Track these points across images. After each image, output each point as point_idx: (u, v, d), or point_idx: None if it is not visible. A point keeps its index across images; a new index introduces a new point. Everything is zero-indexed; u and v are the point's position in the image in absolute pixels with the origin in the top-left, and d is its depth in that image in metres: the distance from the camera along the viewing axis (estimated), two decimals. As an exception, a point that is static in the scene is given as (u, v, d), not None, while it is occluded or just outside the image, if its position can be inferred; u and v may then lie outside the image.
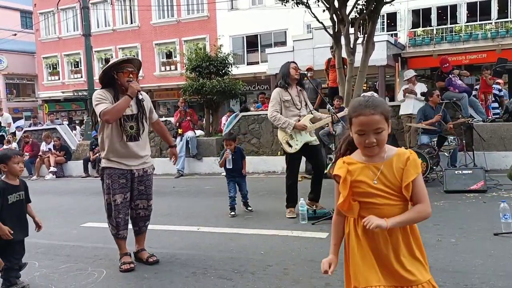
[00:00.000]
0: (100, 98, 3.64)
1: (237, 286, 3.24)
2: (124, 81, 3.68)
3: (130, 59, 3.88)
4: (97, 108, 3.60)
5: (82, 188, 9.45)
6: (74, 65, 29.62)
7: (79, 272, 3.79)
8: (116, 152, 3.72)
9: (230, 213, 5.53)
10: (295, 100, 5.27)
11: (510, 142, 7.57)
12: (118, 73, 3.69)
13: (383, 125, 1.76)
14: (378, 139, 1.76)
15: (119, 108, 3.60)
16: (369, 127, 1.75)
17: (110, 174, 3.73)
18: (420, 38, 20.41)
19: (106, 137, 3.73)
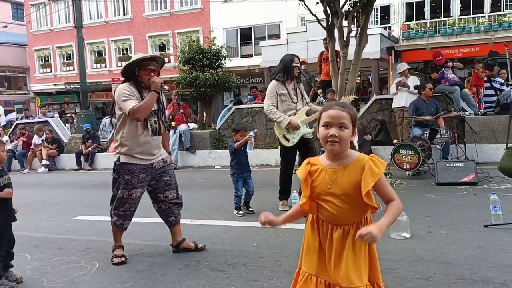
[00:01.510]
0: (128, 94, 3.58)
1: (230, 278, 3.26)
2: (145, 78, 3.64)
3: (154, 57, 3.81)
4: (125, 104, 3.54)
5: (75, 181, 9.42)
6: (66, 57, 29.37)
7: (71, 265, 3.79)
8: (139, 147, 3.68)
9: (238, 212, 5.18)
10: (291, 94, 5.25)
11: (501, 135, 7.62)
12: (139, 70, 3.65)
13: (348, 122, 1.86)
14: (340, 135, 1.84)
15: (148, 105, 3.59)
16: (334, 119, 1.85)
17: (131, 170, 3.68)
18: (414, 31, 20.44)
19: (128, 132, 3.67)
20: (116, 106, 3.69)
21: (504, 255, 3.38)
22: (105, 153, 11.44)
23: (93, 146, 11.29)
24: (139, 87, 3.66)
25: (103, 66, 27.92)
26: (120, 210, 3.78)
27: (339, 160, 1.90)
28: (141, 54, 3.80)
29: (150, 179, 3.79)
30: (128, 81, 3.69)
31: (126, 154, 3.68)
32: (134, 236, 4.59)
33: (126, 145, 3.68)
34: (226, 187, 6.99)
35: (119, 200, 3.76)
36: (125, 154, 3.69)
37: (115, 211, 3.81)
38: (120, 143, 3.72)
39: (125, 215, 3.82)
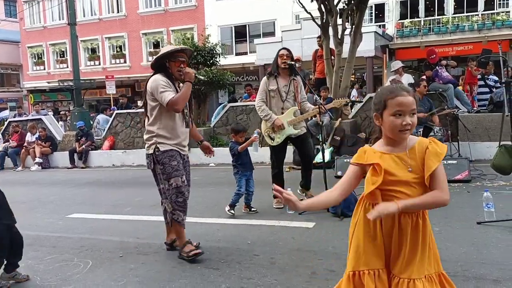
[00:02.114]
0: (165, 85, 3.55)
1: (224, 276, 3.26)
2: (175, 70, 3.65)
3: (183, 49, 3.79)
4: (163, 95, 3.51)
5: (68, 179, 9.37)
6: (60, 54, 29.17)
7: (64, 263, 3.77)
8: (177, 139, 3.66)
9: (230, 210, 5.00)
10: (281, 91, 5.15)
11: (495, 132, 7.67)
12: (170, 62, 3.66)
13: (415, 108, 1.79)
14: (412, 122, 1.78)
15: (186, 96, 3.58)
16: (407, 107, 1.77)
17: (174, 155, 3.62)
18: (408, 29, 20.50)
19: (166, 123, 3.62)
20: (149, 97, 3.63)
21: (497, 252, 3.40)
22: (99, 151, 11.40)
23: (87, 144, 11.23)
24: (170, 78, 3.64)
25: (97, 63, 27.76)
26: (180, 201, 3.65)
27: (401, 144, 1.82)
28: (171, 46, 3.79)
29: None
30: (158, 73, 3.65)
31: (165, 143, 3.62)
32: (128, 234, 4.59)
33: (163, 136, 3.62)
34: (221, 184, 7.00)
35: (176, 190, 3.62)
36: (163, 143, 3.62)
37: (175, 205, 3.65)
38: (157, 134, 3.63)
39: (185, 205, 3.69)
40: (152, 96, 3.61)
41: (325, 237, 4.05)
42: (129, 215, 5.51)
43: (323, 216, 4.74)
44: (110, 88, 16.78)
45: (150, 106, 3.66)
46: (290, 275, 3.20)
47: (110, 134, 11.60)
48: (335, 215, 4.67)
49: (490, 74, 9.48)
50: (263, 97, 5.21)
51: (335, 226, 4.39)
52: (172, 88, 3.59)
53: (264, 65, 18.21)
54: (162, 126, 3.63)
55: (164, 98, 3.50)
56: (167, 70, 3.66)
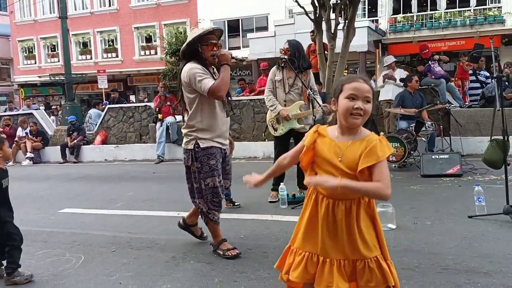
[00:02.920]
0: (202, 73, 3.29)
1: (217, 270, 3.26)
2: (208, 54, 3.38)
3: (213, 30, 3.50)
4: (202, 83, 3.25)
5: (60, 174, 9.30)
6: (51, 48, 28.89)
7: (56, 258, 3.75)
8: (219, 130, 3.44)
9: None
10: (285, 83, 5.15)
11: (486, 127, 7.72)
12: (202, 46, 3.38)
13: (371, 97, 1.85)
14: (365, 109, 1.82)
15: (227, 80, 3.32)
16: (360, 92, 1.83)
17: (214, 154, 3.39)
18: (401, 24, 20.54)
19: (207, 115, 3.39)
20: (186, 88, 3.39)
21: (488, 245, 3.43)
22: (91, 145, 11.33)
23: (79, 139, 11.16)
24: (203, 64, 3.38)
25: (89, 57, 27.53)
26: (216, 201, 3.48)
27: (351, 135, 1.88)
28: (199, 30, 3.52)
29: None
30: (191, 61, 3.39)
31: (205, 138, 3.39)
32: (120, 228, 4.57)
33: (205, 130, 3.39)
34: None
35: (213, 189, 3.43)
36: (204, 139, 3.39)
37: (211, 205, 3.48)
38: (197, 128, 3.40)
39: (220, 205, 3.54)
40: (189, 88, 3.37)
41: (318, 231, 4.06)
42: (121, 210, 5.49)
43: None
44: (102, 83, 16.64)
45: (188, 99, 3.42)
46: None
47: (102, 129, 11.53)
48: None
49: (482, 69, 9.53)
50: (271, 87, 5.20)
51: (328, 220, 4.40)
52: (209, 74, 3.35)
53: (257, 59, 18.15)
54: (203, 119, 3.39)
55: (204, 86, 3.25)
56: (200, 56, 3.39)
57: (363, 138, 1.86)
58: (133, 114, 11.29)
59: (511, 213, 3.91)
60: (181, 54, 3.47)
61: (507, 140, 4.17)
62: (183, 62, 3.48)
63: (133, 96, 26.81)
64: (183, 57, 3.47)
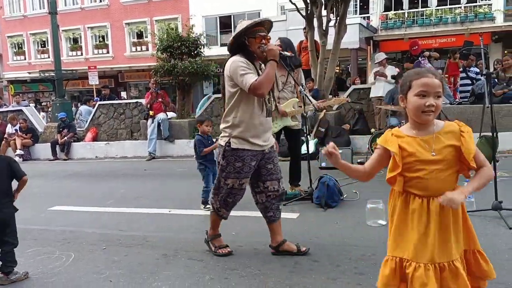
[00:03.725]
0: (245, 67, 3.09)
1: (208, 267, 3.26)
2: (255, 47, 3.16)
3: (262, 22, 3.27)
4: (244, 79, 3.06)
5: (50, 171, 9.23)
6: (41, 44, 28.57)
7: (46, 256, 3.73)
8: (254, 130, 3.21)
9: (206, 207, 4.87)
10: (278, 80, 5.06)
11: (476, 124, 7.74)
12: (249, 39, 3.17)
13: (441, 91, 1.81)
14: (436, 104, 1.79)
15: (271, 78, 3.12)
16: (431, 88, 1.79)
17: (243, 157, 3.21)
18: (392, 21, 20.61)
19: (244, 112, 3.18)
20: (228, 83, 3.22)
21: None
22: (81, 142, 11.25)
23: (69, 136, 11.07)
24: (251, 58, 3.18)
25: (79, 53, 27.29)
26: (230, 202, 3.39)
27: (427, 128, 1.84)
28: (246, 22, 3.25)
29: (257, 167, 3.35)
30: (237, 54, 3.20)
31: (239, 137, 3.20)
32: (111, 226, 4.55)
33: (239, 127, 3.20)
34: (205, 176, 6.97)
35: (229, 190, 3.32)
36: (237, 137, 3.21)
37: (223, 203, 3.40)
38: (232, 124, 3.21)
39: (227, 203, 3.41)
40: (231, 82, 3.19)
41: (309, 228, 4.08)
42: (112, 207, 5.46)
43: (307, 207, 4.77)
44: (92, 79, 16.51)
45: (228, 93, 3.24)
46: (274, 266, 3.21)
47: (93, 126, 11.45)
48: (319, 205, 4.70)
49: (472, 66, 9.60)
50: None
51: (319, 216, 4.42)
52: (253, 69, 3.16)
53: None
54: (240, 115, 3.19)
55: (246, 81, 3.05)
56: (246, 49, 3.18)
57: (445, 126, 1.84)
58: (124, 110, 11.23)
59: (499, 209, 3.96)
60: (228, 48, 3.29)
61: (496, 137, 4.21)
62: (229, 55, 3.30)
63: (124, 92, 26.65)
64: (229, 51, 3.29)
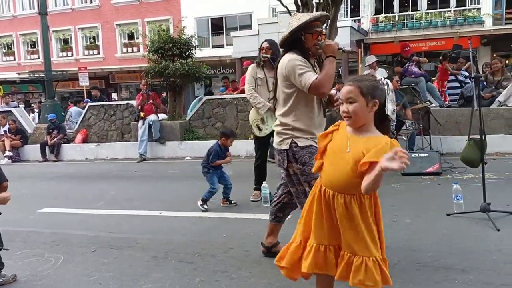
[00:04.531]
0: (303, 65, 2.88)
1: (198, 269, 3.25)
2: (311, 44, 2.95)
3: (320, 17, 3.04)
4: (303, 78, 2.84)
5: (40, 172, 9.15)
6: (31, 45, 28.33)
7: (35, 258, 3.69)
8: (315, 131, 2.98)
9: (202, 205, 4.95)
10: (268, 81, 5.04)
11: (465, 126, 7.84)
12: (305, 34, 2.95)
13: (355, 96, 1.91)
14: (349, 110, 1.92)
15: (331, 75, 2.90)
16: (343, 95, 1.97)
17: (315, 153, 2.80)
18: (383, 24, 20.75)
19: (304, 113, 2.97)
20: (283, 83, 2.99)
21: (465, 242, 3.50)
22: (71, 144, 11.15)
23: (59, 137, 10.97)
24: (305, 55, 2.97)
25: (70, 54, 27.10)
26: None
27: (362, 132, 1.97)
28: (304, 16, 3.03)
29: None
30: (290, 51, 2.99)
31: (302, 137, 2.96)
32: (101, 228, 4.52)
33: (301, 129, 2.97)
34: (197, 178, 6.92)
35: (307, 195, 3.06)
36: (300, 137, 2.97)
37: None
38: (293, 127, 2.97)
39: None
40: (287, 81, 2.96)
41: (300, 230, 4.08)
42: (102, 209, 5.43)
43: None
44: (83, 80, 16.40)
45: (284, 94, 3.01)
46: (265, 268, 3.21)
47: (83, 127, 11.36)
48: (309, 207, 4.71)
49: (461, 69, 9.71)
50: (253, 83, 5.08)
51: (310, 218, 4.42)
52: (310, 67, 2.94)
53: (241, 58, 18.12)
54: (299, 117, 2.98)
55: (305, 80, 2.84)
56: (302, 45, 2.97)
57: (376, 136, 1.95)
58: (115, 112, 11.16)
59: (487, 211, 4.00)
60: (281, 43, 3.08)
61: (484, 139, 4.25)
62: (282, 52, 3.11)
63: (115, 94, 26.50)
64: (282, 46, 3.10)
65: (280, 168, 3.10)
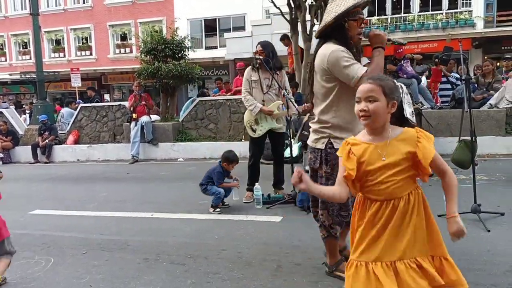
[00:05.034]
0: (348, 57, 2.62)
1: (190, 271, 3.24)
2: (355, 32, 2.70)
3: (360, 3, 2.72)
4: (350, 70, 2.59)
5: (31, 174, 9.08)
6: (22, 45, 28.12)
7: (25, 260, 3.66)
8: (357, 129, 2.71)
9: (214, 210, 4.92)
10: (262, 83, 5.14)
11: (456, 128, 7.91)
12: (349, 21, 2.68)
13: (377, 95, 1.82)
14: (370, 109, 1.82)
15: (381, 68, 2.65)
16: (362, 93, 1.85)
17: None
18: (375, 26, 20.83)
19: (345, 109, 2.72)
20: (323, 77, 2.72)
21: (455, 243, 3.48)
22: (63, 145, 11.08)
23: (50, 138, 10.90)
24: (347, 45, 2.69)
25: (62, 55, 26.92)
26: (344, 215, 2.82)
27: (382, 134, 1.86)
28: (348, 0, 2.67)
29: None
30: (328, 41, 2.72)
31: (341, 138, 2.64)
32: (92, 230, 4.49)
33: (341, 128, 2.73)
34: (189, 179, 6.94)
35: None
36: (339, 138, 2.71)
37: (336, 218, 2.84)
38: (332, 124, 2.75)
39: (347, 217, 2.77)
40: (327, 75, 2.71)
41: (292, 231, 4.09)
42: (93, 211, 5.39)
43: (290, 210, 4.79)
44: (75, 81, 16.30)
45: (323, 89, 2.76)
46: (257, 269, 3.21)
47: (75, 128, 11.30)
48: (302, 209, 4.72)
49: (452, 71, 9.77)
50: (248, 87, 5.16)
51: (302, 220, 4.42)
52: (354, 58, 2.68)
53: (234, 59, 18.12)
54: (339, 113, 2.74)
55: (354, 73, 2.58)
56: (343, 34, 2.69)
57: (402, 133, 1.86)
58: (107, 113, 11.11)
59: (478, 212, 4.02)
60: (321, 31, 2.76)
61: (475, 141, 4.28)
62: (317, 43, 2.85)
63: (108, 95, 26.37)
64: (319, 36, 2.80)
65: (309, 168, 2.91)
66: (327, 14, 2.70)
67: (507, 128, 8.07)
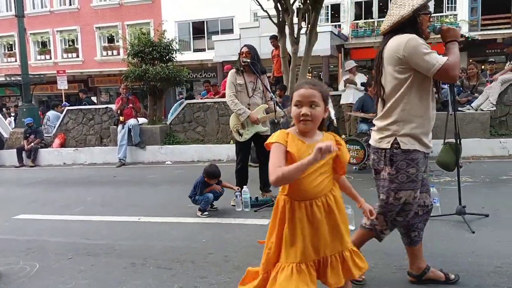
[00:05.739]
0: (427, 45, 2.51)
1: (177, 275, 3.22)
2: (426, 26, 2.65)
3: None
4: (431, 57, 2.46)
5: (16, 178, 8.96)
6: (8, 47, 27.77)
7: (9, 266, 3.60)
8: (428, 126, 2.61)
9: (202, 214, 4.89)
10: (248, 86, 5.14)
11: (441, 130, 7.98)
12: (422, 15, 2.61)
13: (318, 100, 1.93)
14: (312, 114, 1.92)
15: (459, 60, 2.58)
16: (305, 98, 1.93)
17: (416, 160, 2.56)
18: (362, 30, 21.04)
19: (417, 104, 2.56)
20: (396, 67, 2.54)
21: (441, 244, 3.56)
22: (49, 148, 10.96)
23: (36, 142, 10.77)
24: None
25: (48, 57, 26.66)
26: (400, 221, 2.71)
27: (313, 137, 2.00)
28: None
29: None
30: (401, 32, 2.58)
31: (409, 135, 2.54)
32: (78, 235, 4.45)
33: (412, 123, 2.54)
34: (177, 183, 6.91)
35: (401, 206, 2.65)
36: (407, 135, 2.55)
37: (390, 224, 2.73)
38: (401, 120, 2.56)
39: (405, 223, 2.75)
40: (401, 65, 2.53)
41: (279, 234, 4.08)
42: (79, 215, 5.34)
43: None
44: (61, 84, 16.14)
45: (395, 80, 2.57)
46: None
47: (61, 131, 11.19)
48: (289, 212, 4.72)
49: None
50: (233, 90, 5.13)
51: (289, 223, 4.43)
52: None
53: (222, 62, 18.13)
54: (410, 108, 2.55)
55: (435, 61, 2.45)
56: (416, 28, 2.59)
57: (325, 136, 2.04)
58: (94, 116, 11.02)
59: (463, 214, 4.08)
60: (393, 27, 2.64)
61: (460, 143, 4.34)
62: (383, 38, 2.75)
63: (95, 97, 26.15)
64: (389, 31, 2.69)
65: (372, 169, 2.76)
66: (397, 8, 2.61)
67: (491, 130, 8.20)
